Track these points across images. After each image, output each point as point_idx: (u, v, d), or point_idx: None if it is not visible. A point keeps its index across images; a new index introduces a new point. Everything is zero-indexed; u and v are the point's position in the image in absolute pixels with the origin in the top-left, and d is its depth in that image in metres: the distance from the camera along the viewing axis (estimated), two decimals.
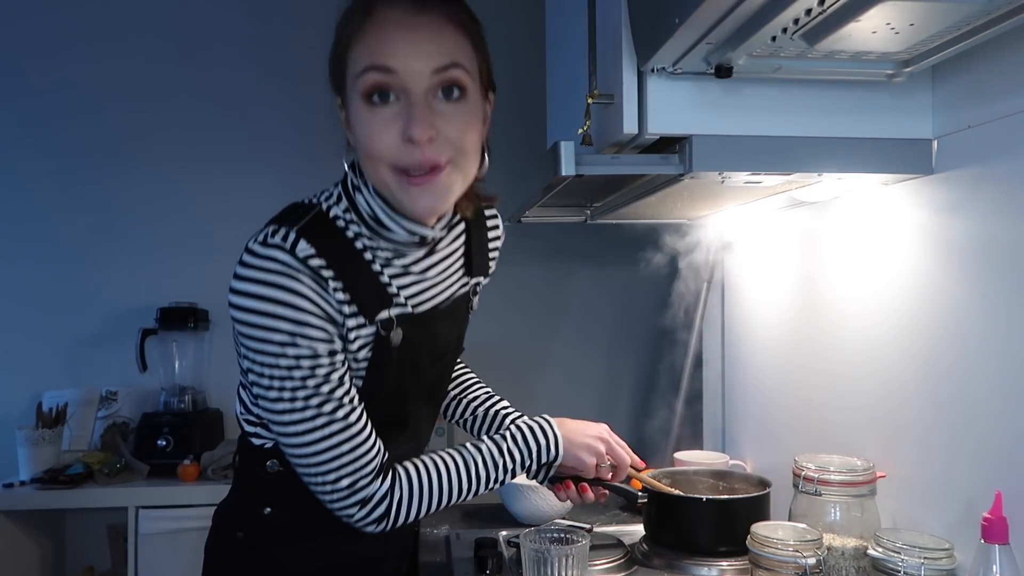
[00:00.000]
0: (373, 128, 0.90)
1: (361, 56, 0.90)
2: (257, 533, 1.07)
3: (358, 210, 0.98)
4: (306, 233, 0.93)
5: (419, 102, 0.89)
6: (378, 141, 0.91)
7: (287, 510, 1.05)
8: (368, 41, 0.90)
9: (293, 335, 0.91)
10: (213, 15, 2.58)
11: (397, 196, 0.94)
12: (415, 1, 0.90)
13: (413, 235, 0.99)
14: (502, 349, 2.62)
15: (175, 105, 2.55)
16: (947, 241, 1.08)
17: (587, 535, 1.11)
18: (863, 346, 1.27)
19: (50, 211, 2.52)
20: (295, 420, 0.93)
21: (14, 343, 2.49)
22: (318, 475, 0.96)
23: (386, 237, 0.99)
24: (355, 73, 0.90)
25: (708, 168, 1.04)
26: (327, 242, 0.94)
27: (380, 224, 0.97)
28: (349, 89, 0.92)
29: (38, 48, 2.52)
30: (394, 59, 0.88)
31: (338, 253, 0.95)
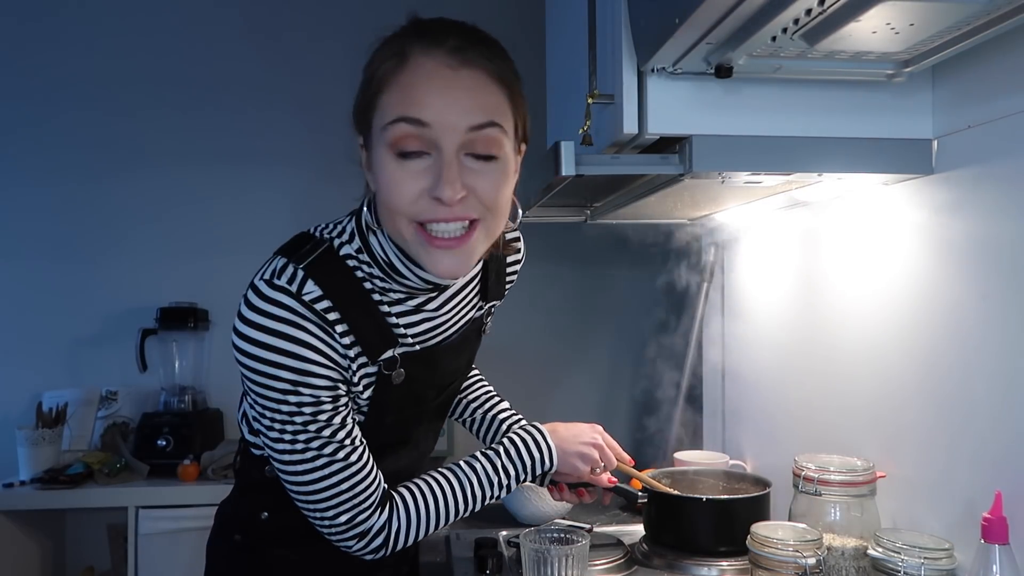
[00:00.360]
0: (398, 181, 0.86)
1: (393, 105, 0.85)
2: (255, 535, 1.08)
3: (371, 252, 0.94)
4: (313, 272, 0.90)
5: (451, 160, 0.84)
6: (402, 195, 0.86)
7: (284, 515, 1.04)
8: (402, 90, 0.85)
9: (296, 383, 0.89)
10: (213, 12, 2.58)
11: (415, 253, 0.90)
12: (455, 52, 0.85)
13: (427, 283, 0.96)
14: (502, 349, 2.61)
15: (175, 104, 2.55)
16: (947, 241, 1.08)
17: (587, 535, 1.11)
18: (863, 346, 1.27)
19: (50, 211, 2.52)
20: (295, 460, 0.93)
21: (14, 343, 2.50)
22: (317, 511, 0.96)
23: (399, 282, 0.95)
24: (384, 122, 0.85)
25: (708, 168, 1.04)
26: (334, 281, 0.91)
27: (394, 269, 0.94)
28: (375, 135, 0.87)
29: (38, 47, 2.52)
30: (429, 112, 0.83)
31: (345, 293, 0.92)
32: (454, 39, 0.86)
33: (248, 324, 0.89)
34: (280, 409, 0.90)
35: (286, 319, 0.88)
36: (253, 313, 0.89)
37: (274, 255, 0.93)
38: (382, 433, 1.02)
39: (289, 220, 2.48)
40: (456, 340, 1.06)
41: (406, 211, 0.87)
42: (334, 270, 0.92)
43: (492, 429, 1.30)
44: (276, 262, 0.92)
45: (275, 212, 2.55)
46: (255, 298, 0.89)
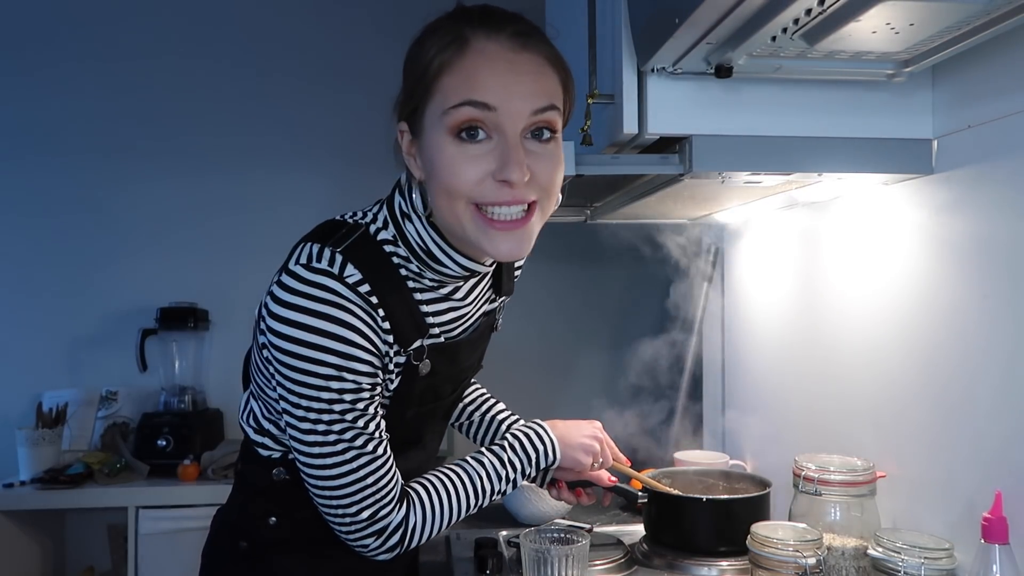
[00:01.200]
0: (461, 163, 0.85)
1: (455, 89, 0.85)
2: (261, 543, 1.04)
3: (406, 238, 0.93)
4: (351, 256, 0.89)
5: (516, 143, 0.85)
6: (464, 177, 0.86)
7: (292, 519, 1.02)
8: (465, 73, 0.85)
9: (340, 368, 0.87)
10: (214, 12, 2.58)
11: (473, 236, 0.89)
12: (516, 36, 0.86)
13: (466, 271, 0.96)
14: (502, 349, 2.61)
15: (176, 104, 2.55)
16: (947, 241, 1.08)
17: (587, 535, 1.11)
18: (863, 346, 1.27)
19: (50, 211, 2.52)
20: (325, 452, 0.91)
21: (14, 343, 2.50)
22: (340, 506, 0.93)
23: (435, 269, 0.95)
24: (447, 106, 0.85)
25: (708, 168, 1.05)
26: (372, 266, 0.90)
27: (431, 257, 0.93)
28: (431, 120, 0.87)
29: (41, 47, 2.52)
30: (495, 96, 0.84)
31: (383, 279, 0.91)
32: (512, 25, 0.87)
33: (289, 308, 0.86)
34: (320, 397, 0.88)
35: (332, 301, 0.86)
36: (294, 296, 0.86)
37: (303, 242, 0.92)
38: (400, 429, 1.00)
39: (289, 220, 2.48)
40: (474, 334, 1.06)
41: (469, 193, 0.86)
42: (372, 255, 0.91)
43: (491, 431, 1.29)
44: (309, 248, 0.89)
45: (276, 212, 2.55)
46: (294, 282, 0.87)
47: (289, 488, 0.99)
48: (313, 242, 0.90)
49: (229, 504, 1.12)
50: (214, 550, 1.10)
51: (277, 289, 0.88)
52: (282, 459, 1.00)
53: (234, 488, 1.12)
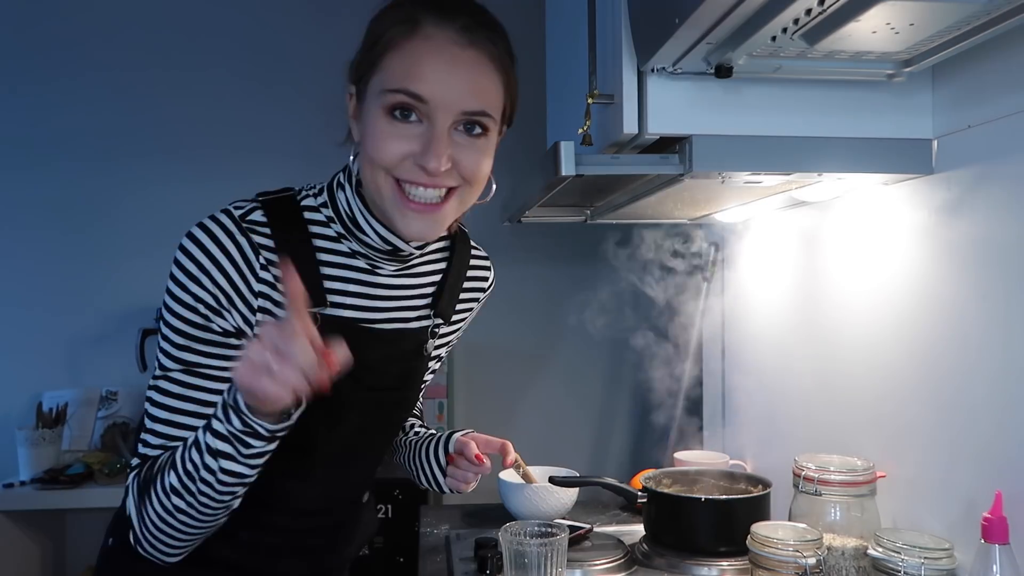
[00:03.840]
0: (387, 139, 0.88)
1: (395, 72, 0.87)
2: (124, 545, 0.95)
3: (336, 205, 0.96)
4: (265, 207, 0.93)
5: (441, 134, 0.87)
6: (388, 153, 0.88)
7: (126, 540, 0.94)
8: (407, 59, 0.87)
9: (191, 277, 0.90)
10: (216, 12, 2.58)
11: (389, 209, 0.91)
12: (465, 31, 0.87)
13: (387, 244, 0.96)
14: (502, 349, 2.62)
15: (178, 104, 2.55)
16: (947, 241, 1.08)
17: (565, 529, 1.10)
18: (863, 346, 1.27)
19: (50, 210, 2.52)
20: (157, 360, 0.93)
21: (14, 343, 2.50)
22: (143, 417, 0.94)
23: (358, 239, 0.96)
24: (384, 87, 0.87)
25: (708, 168, 1.04)
26: (283, 221, 0.93)
27: (355, 223, 0.95)
28: (372, 92, 0.89)
29: (40, 46, 2.52)
30: (430, 90, 0.86)
31: (289, 235, 0.93)
32: (464, 18, 0.88)
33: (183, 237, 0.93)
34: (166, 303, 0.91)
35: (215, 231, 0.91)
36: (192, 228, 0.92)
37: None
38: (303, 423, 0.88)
39: None
40: (389, 335, 1.00)
41: (389, 167, 0.88)
42: (287, 212, 0.94)
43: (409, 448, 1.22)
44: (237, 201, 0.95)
45: None
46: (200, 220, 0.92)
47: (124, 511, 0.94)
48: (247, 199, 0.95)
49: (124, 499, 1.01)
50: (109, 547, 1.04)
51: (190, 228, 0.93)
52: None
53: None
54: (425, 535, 1.53)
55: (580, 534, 1.36)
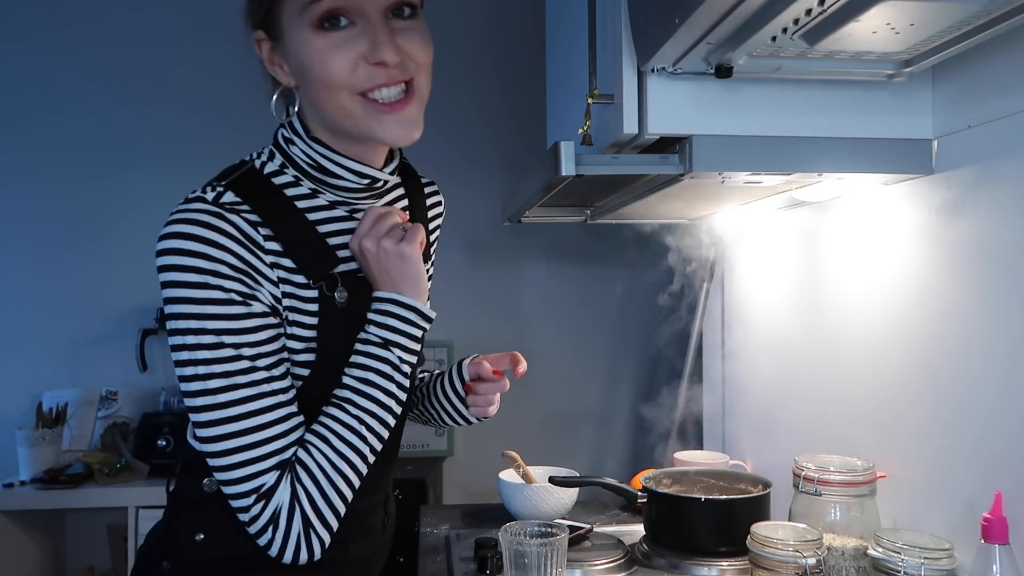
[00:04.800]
0: (329, 54, 0.84)
1: None
2: (185, 563, 0.92)
3: (295, 162, 0.92)
4: (235, 187, 0.87)
5: (380, 23, 0.85)
6: (337, 67, 0.84)
7: (221, 538, 0.90)
8: None
9: (204, 272, 0.82)
10: (215, 12, 2.58)
11: (364, 125, 0.87)
12: None
13: (362, 178, 0.93)
14: (502, 348, 2.61)
15: (177, 103, 2.55)
16: (947, 241, 1.08)
17: (565, 529, 1.11)
18: (863, 346, 1.27)
19: (50, 210, 2.52)
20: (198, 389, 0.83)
21: (14, 343, 2.50)
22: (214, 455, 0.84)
23: (332, 185, 0.93)
24: (303, 3, 0.84)
25: (708, 168, 1.04)
26: (258, 195, 0.87)
27: (324, 171, 0.91)
28: (290, 19, 0.85)
29: (40, 46, 2.52)
30: None
31: (275, 210, 0.88)
32: None
33: (162, 236, 0.83)
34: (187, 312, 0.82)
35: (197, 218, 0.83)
36: (167, 227, 0.83)
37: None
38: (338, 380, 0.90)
39: None
40: None
41: (347, 82, 0.85)
42: (259, 186, 0.89)
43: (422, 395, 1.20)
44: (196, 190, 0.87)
45: None
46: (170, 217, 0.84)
47: (219, 501, 0.88)
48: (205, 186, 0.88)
49: (161, 520, 1.00)
50: (139, 569, 0.98)
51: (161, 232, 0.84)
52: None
53: (167, 504, 1.00)
54: (425, 535, 1.53)
55: (580, 534, 1.36)
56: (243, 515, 0.85)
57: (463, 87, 2.54)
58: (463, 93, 2.55)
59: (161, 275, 0.83)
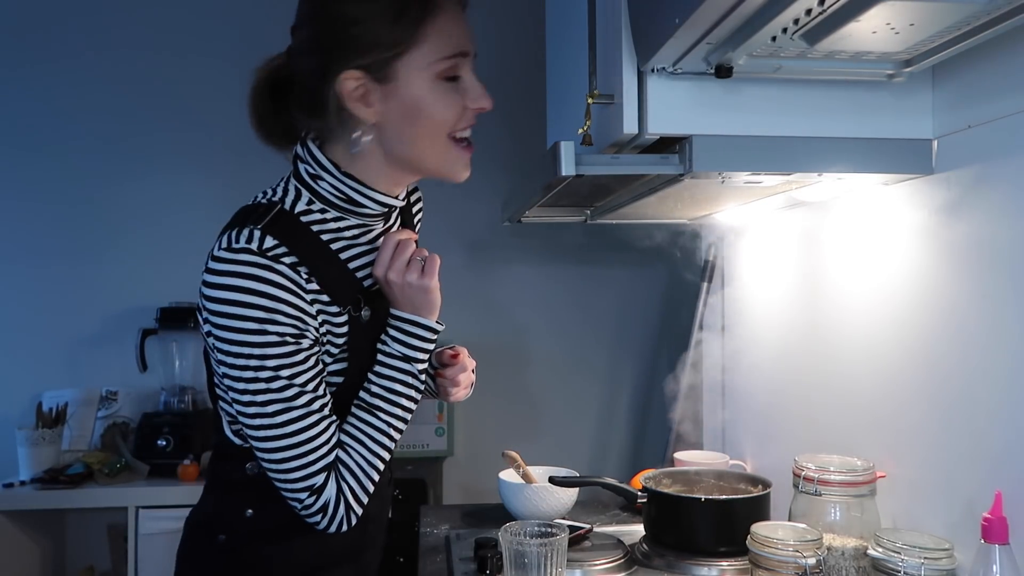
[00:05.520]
0: (448, 102, 0.99)
1: (444, 43, 0.98)
2: (239, 535, 1.07)
3: (322, 196, 1.03)
4: (271, 230, 0.96)
5: (479, 81, 1.02)
6: (451, 113, 1.00)
7: (268, 511, 1.05)
8: (448, 30, 0.98)
9: (263, 321, 0.94)
10: (215, 12, 2.58)
11: (444, 163, 1.03)
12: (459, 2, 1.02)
13: (384, 207, 1.06)
14: (502, 348, 2.62)
15: (176, 104, 2.55)
16: (947, 241, 1.08)
17: (565, 529, 1.11)
18: (863, 346, 1.27)
19: (50, 211, 2.52)
20: (256, 412, 0.97)
21: (14, 343, 2.50)
22: (272, 463, 0.98)
23: (357, 213, 1.05)
24: (436, 57, 0.97)
25: (708, 168, 1.04)
26: (293, 237, 0.98)
27: (351, 202, 1.04)
28: (412, 67, 0.97)
29: (38, 49, 2.52)
30: (469, 44, 1.00)
31: (305, 247, 0.99)
32: None
33: (216, 275, 0.94)
34: (248, 353, 0.94)
35: (252, 272, 0.94)
36: (219, 277, 0.94)
37: (224, 231, 0.99)
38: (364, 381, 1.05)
39: None
40: None
41: (452, 126, 1.01)
42: (291, 226, 0.99)
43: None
44: (229, 233, 0.97)
45: None
46: (218, 265, 0.95)
47: (262, 481, 1.02)
48: (233, 228, 0.98)
49: (202, 502, 1.14)
50: (190, 548, 1.13)
51: (206, 275, 0.95)
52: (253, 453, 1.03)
53: (207, 487, 1.15)
54: (425, 535, 1.53)
55: (580, 534, 1.36)
56: (296, 504, 1.00)
57: None
58: None
59: (216, 319, 0.95)
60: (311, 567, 1.10)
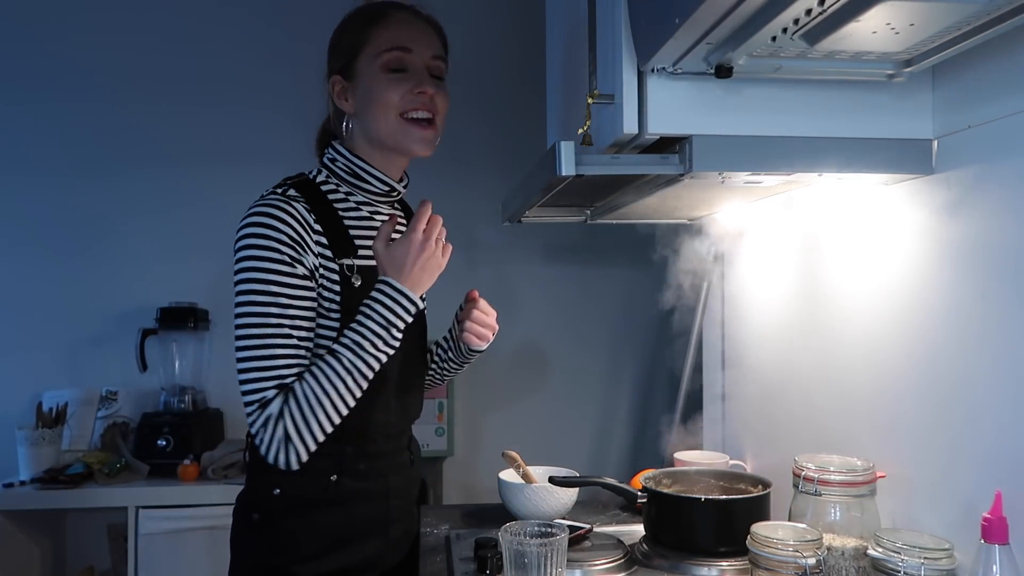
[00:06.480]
0: (391, 87, 1.25)
1: (384, 39, 1.26)
2: (270, 513, 1.23)
3: (336, 173, 1.30)
4: (295, 186, 1.24)
5: (424, 73, 1.27)
6: (393, 95, 1.25)
7: (293, 489, 1.21)
8: (389, 32, 1.26)
9: (268, 239, 1.15)
10: (215, 12, 2.58)
11: (400, 139, 1.26)
12: (417, 12, 1.31)
13: (384, 184, 1.31)
14: (502, 348, 2.62)
15: (176, 103, 2.56)
16: (947, 241, 1.08)
17: (565, 529, 1.11)
18: (863, 346, 1.27)
19: (50, 211, 2.52)
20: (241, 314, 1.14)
21: (14, 343, 2.50)
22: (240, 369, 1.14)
23: (362, 188, 1.31)
24: (379, 50, 1.25)
25: (708, 168, 1.04)
26: (311, 195, 1.24)
27: (358, 177, 1.30)
28: (366, 63, 1.26)
29: (37, 48, 2.52)
30: (411, 43, 1.26)
31: (319, 205, 1.23)
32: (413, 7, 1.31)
33: (247, 214, 1.18)
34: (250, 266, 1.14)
35: (272, 205, 1.18)
36: (251, 208, 1.19)
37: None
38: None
39: None
40: None
41: (397, 106, 1.25)
42: (310, 189, 1.26)
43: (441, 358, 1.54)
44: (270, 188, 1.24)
45: None
46: (254, 205, 1.19)
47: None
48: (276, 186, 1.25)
49: (244, 487, 1.30)
50: (234, 529, 1.29)
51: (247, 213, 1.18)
52: None
53: (247, 472, 1.31)
54: (425, 535, 1.53)
55: (580, 534, 1.36)
56: (249, 419, 1.14)
57: (463, 87, 2.54)
58: (463, 93, 2.55)
59: (238, 244, 1.16)
60: (337, 539, 1.24)
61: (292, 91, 2.55)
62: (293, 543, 1.22)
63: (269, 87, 2.57)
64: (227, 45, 2.58)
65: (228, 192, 2.57)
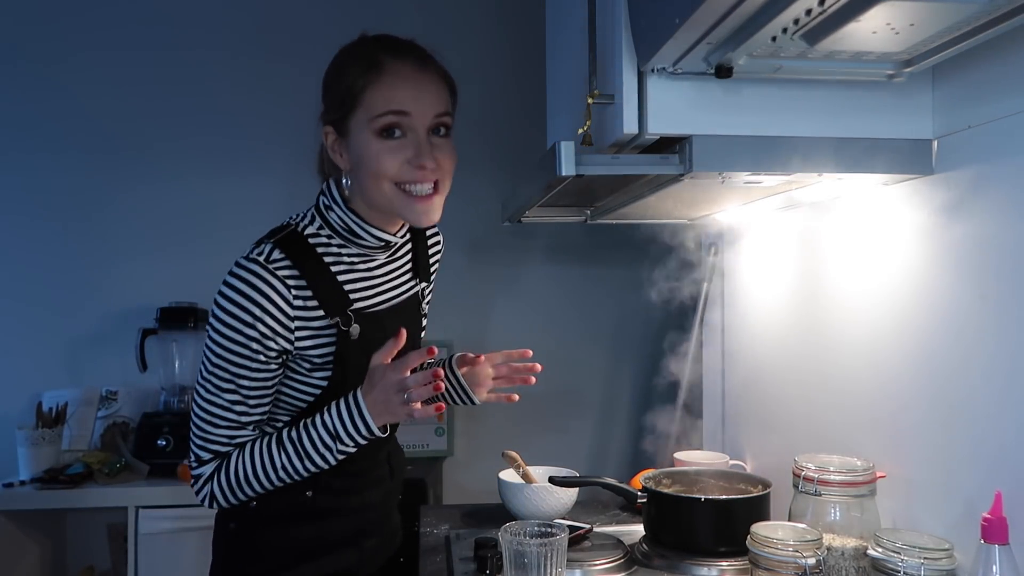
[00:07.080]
0: (386, 155, 1.12)
1: (379, 101, 1.12)
2: (246, 523, 1.23)
3: (330, 224, 1.19)
4: (281, 246, 1.14)
5: (424, 139, 1.14)
6: (388, 165, 1.12)
7: (269, 501, 1.20)
8: (384, 90, 1.12)
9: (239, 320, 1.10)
10: (216, 13, 2.58)
11: (398, 208, 1.15)
12: (418, 60, 1.16)
13: (381, 240, 1.21)
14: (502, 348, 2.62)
15: (176, 106, 2.56)
16: (947, 241, 1.08)
17: (565, 529, 1.11)
18: (863, 346, 1.27)
19: (50, 211, 2.52)
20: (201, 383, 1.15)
21: (14, 343, 2.50)
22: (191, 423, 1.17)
23: (357, 244, 1.21)
24: (372, 115, 1.12)
25: (708, 168, 1.04)
26: (297, 253, 1.14)
27: (352, 233, 1.20)
28: (358, 124, 1.13)
29: (38, 48, 2.52)
30: (410, 104, 1.13)
31: (306, 263, 1.15)
32: (414, 51, 1.17)
33: (230, 275, 1.11)
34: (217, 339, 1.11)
35: (253, 279, 1.11)
36: (235, 269, 1.12)
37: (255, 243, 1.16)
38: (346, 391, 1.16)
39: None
40: (400, 306, 1.28)
41: (393, 176, 1.13)
42: (298, 245, 1.16)
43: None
44: (255, 246, 1.15)
45: (274, 212, 2.54)
46: (233, 270, 1.12)
47: None
48: (260, 242, 1.16)
49: None
50: (214, 537, 1.29)
51: (226, 277, 1.12)
52: None
53: None
54: (425, 535, 1.53)
55: (580, 534, 1.36)
56: (191, 464, 1.18)
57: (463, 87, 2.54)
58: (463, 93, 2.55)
59: (215, 307, 1.12)
60: (310, 551, 1.23)
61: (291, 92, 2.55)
62: (267, 554, 1.23)
63: (269, 88, 2.57)
64: (230, 46, 2.58)
65: (228, 192, 2.57)
